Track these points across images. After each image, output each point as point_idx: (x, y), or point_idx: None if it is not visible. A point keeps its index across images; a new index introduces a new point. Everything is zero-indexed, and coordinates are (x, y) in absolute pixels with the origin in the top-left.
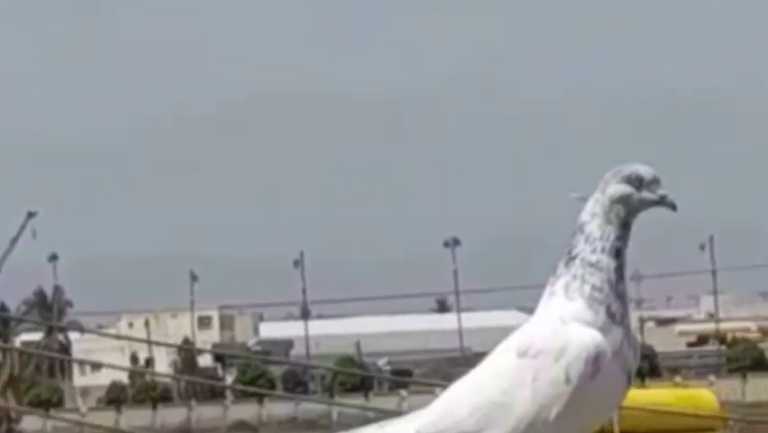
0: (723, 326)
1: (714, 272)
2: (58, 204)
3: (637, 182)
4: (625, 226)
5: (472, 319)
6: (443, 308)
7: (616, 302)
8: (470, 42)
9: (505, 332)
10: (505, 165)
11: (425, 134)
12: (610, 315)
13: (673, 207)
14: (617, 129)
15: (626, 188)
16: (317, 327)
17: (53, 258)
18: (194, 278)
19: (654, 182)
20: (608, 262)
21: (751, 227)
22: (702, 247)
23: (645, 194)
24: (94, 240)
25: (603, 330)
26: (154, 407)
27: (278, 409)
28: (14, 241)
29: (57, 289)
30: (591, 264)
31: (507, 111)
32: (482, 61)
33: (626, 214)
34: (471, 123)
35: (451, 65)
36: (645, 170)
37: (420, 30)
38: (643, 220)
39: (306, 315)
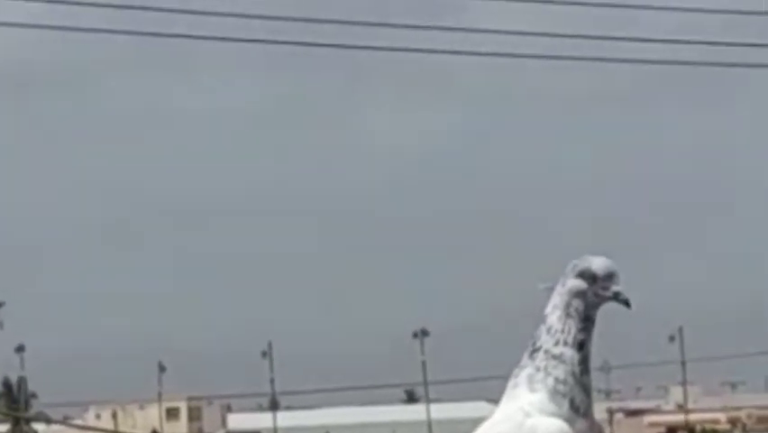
0: (692, 417)
1: (683, 363)
2: (25, 294)
3: (591, 278)
4: (587, 320)
5: (441, 410)
6: (411, 398)
7: (580, 394)
8: (431, 133)
9: (474, 423)
10: (472, 255)
11: (391, 225)
12: (574, 408)
13: (627, 303)
14: (589, 215)
15: (581, 284)
16: (286, 419)
17: (20, 349)
18: (162, 369)
19: (608, 278)
20: (571, 354)
21: (720, 318)
22: (672, 338)
23: (599, 290)
24: (61, 332)
25: (567, 422)
26: None
27: None
28: None
29: (22, 380)
30: (555, 357)
31: (472, 200)
32: (443, 152)
33: (584, 308)
34: (438, 212)
35: (412, 155)
36: (599, 266)
37: (382, 121)
38: (611, 311)
39: (274, 406)
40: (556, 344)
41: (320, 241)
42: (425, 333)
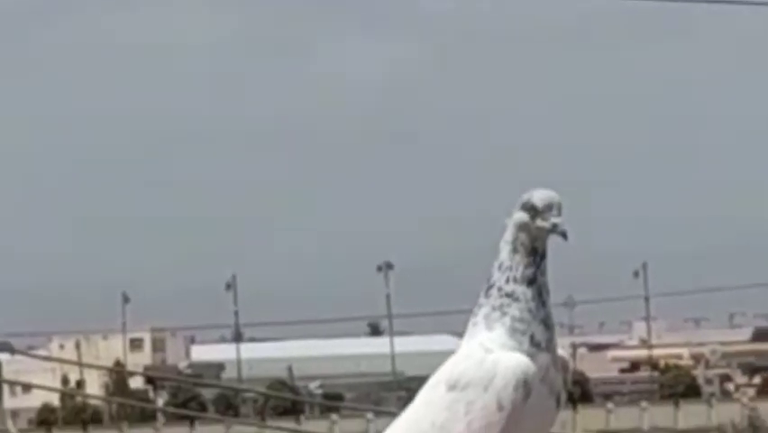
0: (656, 352)
1: (647, 299)
2: None
3: (532, 210)
4: (534, 253)
5: (405, 343)
6: (375, 331)
7: (539, 329)
8: (395, 63)
9: (437, 356)
10: (438, 187)
11: (356, 157)
12: (535, 344)
13: (564, 235)
14: (557, 149)
15: (523, 216)
16: (249, 350)
17: None
18: (126, 300)
19: (547, 209)
20: (523, 291)
21: (684, 255)
22: (636, 274)
23: (540, 222)
24: (25, 263)
25: (529, 357)
26: (85, 429)
27: (210, 432)
28: None
29: None
30: (508, 295)
31: (439, 133)
32: (416, 80)
33: (530, 241)
34: (404, 145)
35: (385, 84)
36: (539, 197)
37: (345, 51)
38: (574, 246)
39: (238, 338)
40: (507, 281)
41: (285, 173)
42: (389, 266)
